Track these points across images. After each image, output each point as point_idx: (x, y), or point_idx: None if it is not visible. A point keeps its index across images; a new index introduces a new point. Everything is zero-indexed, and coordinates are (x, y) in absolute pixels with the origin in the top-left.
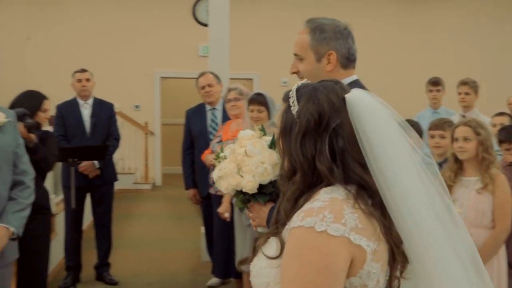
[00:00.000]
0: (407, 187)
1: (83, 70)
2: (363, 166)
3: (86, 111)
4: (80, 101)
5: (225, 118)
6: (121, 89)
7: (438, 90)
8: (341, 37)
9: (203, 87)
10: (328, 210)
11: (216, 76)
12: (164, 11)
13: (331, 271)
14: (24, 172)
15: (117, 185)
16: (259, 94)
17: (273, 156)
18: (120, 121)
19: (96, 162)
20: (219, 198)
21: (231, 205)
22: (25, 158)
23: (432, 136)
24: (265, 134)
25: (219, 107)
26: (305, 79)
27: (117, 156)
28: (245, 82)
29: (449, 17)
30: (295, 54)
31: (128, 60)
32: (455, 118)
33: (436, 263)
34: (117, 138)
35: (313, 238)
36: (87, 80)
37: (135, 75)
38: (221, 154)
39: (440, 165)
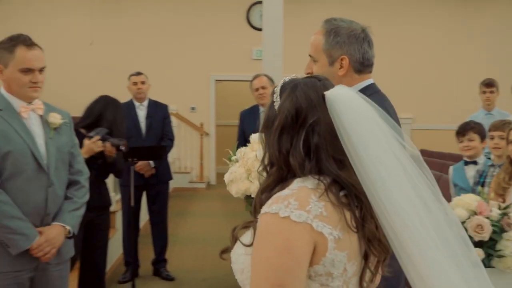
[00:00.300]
0: (389, 181)
1: (138, 73)
2: (339, 161)
3: (141, 112)
4: (136, 103)
5: None
6: (178, 92)
7: (491, 92)
8: (356, 42)
9: (257, 89)
10: (294, 198)
11: (270, 79)
12: (219, 16)
13: (292, 255)
14: (79, 171)
15: (173, 184)
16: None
17: None
18: (176, 122)
19: (151, 162)
20: None
21: None
22: (80, 158)
23: (492, 137)
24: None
25: None
26: None
27: (173, 156)
28: None
29: (500, 19)
30: (310, 55)
31: (184, 64)
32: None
33: (422, 255)
34: (171, 139)
35: (276, 223)
36: (142, 83)
37: (191, 78)
38: (233, 158)
39: (499, 167)
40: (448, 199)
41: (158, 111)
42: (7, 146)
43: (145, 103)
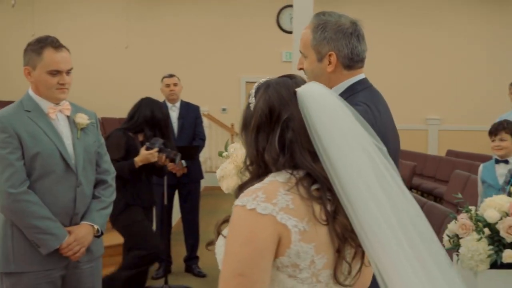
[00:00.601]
0: (354, 174)
1: (171, 75)
2: (314, 154)
3: (174, 113)
4: (169, 104)
5: None
6: (209, 93)
7: None
8: (343, 37)
9: None
10: (262, 191)
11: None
12: (250, 19)
13: (254, 245)
14: (106, 171)
15: (205, 183)
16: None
17: None
18: (208, 123)
19: (183, 161)
20: None
21: None
22: (107, 157)
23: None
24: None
25: None
26: (308, 78)
27: (205, 156)
28: None
29: None
30: (300, 51)
31: (216, 66)
32: None
33: (386, 249)
34: (202, 138)
35: (243, 215)
36: (175, 84)
37: (222, 80)
38: (224, 153)
39: None
40: (476, 196)
41: (190, 112)
42: (36, 147)
43: (178, 104)
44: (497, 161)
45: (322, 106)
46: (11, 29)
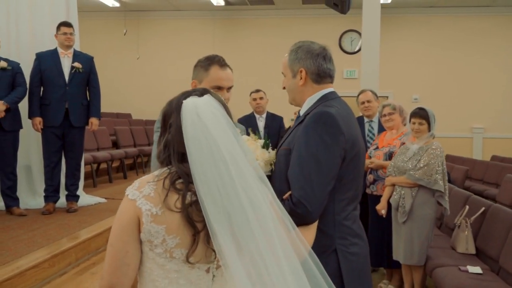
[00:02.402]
0: (209, 174)
1: (257, 91)
2: (182, 155)
3: (261, 123)
4: (257, 115)
5: (381, 129)
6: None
7: None
8: (311, 57)
9: (363, 103)
10: (139, 182)
11: (374, 94)
12: (316, 41)
13: (120, 222)
14: None
15: None
16: (421, 109)
17: (265, 155)
18: None
19: None
20: (374, 197)
21: (388, 203)
22: None
23: None
24: (260, 138)
25: (375, 119)
26: (288, 93)
27: None
28: (381, 99)
29: None
30: (282, 73)
31: None
32: None
33: (222, 246)
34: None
35: (123, 199)
36: (261, 98)
37: None
38: None
39: None
40: None
41: (274, 122)
42: None
43: (264, 115)
44: None
45: (190, 119)
46: (121, 53)
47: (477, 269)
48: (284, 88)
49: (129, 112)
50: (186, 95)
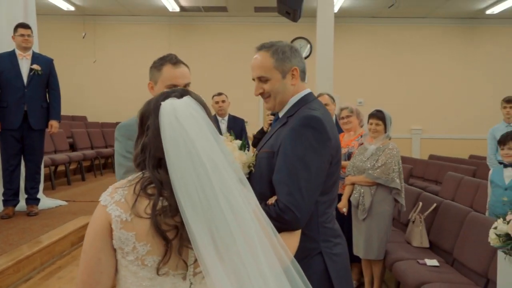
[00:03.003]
0: (188, 179)
1: (219, 94)
2: (158, 160)
3: (223, 125)
4: (219, 118)
5: (338, 131)
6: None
7: (511, 107)
8: (297, 55)
9: None
10: (112, 187)
11: (331, 97)
12: None
13: (93, 229)
14: None
15: None
16: (378, 111)
17: (243, 156)
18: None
19: None
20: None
21: (349, 201)
22: None
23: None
24: (235, 139)
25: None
26: (272, 97)
27: None
28: None
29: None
30: (259, 77)
31: (240, 85)
32: None
33: (201, 250)
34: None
35: (97, 206)
36: (223, 101)
37: (244, 97)
38: None
39: None
40: (466, 194)
41: (236, 124)
42: None
43: (226, 117)
44: (505, 166)
45: (168, 121)
46: (78, 56)
47: (434, 262)
48: (260, 94)
49: (84, 115)
50: (164, 96)
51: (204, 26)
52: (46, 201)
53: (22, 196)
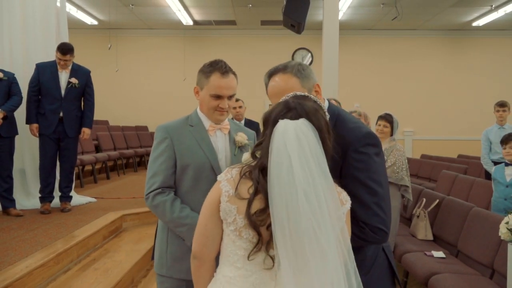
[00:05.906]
0: (283, 203)
1: (236, 100)
2: (265, 167)
3: None
4: (236, 123)
5: None
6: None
7: (504, 110)
8: (312, 71)
9: None
10: (228, 168)
11: (338, 103)
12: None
13: (207, 200)
14: None
15: None
16: (388, 114)
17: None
18: None
19: None
20: None
21: None
22: None
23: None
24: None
25: None
26: None
27: None
28: None
29: (482, 56)
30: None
31: (249, 91)
32: None
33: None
34: None
35: (216, 182)
36: (240, 107)
37: (252, 102)
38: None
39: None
40: (462, 191)
41: (252, 127)
42: (189, 159)
43: (242, 122)
44: (506, 164)
45: (276, 145)
46: (103, 65)
47: (440, 254)
48: None
49: (106, 119)
50: (284, 111)
51: (215, 38)
52: (77, 198)
53: (56, 194)
